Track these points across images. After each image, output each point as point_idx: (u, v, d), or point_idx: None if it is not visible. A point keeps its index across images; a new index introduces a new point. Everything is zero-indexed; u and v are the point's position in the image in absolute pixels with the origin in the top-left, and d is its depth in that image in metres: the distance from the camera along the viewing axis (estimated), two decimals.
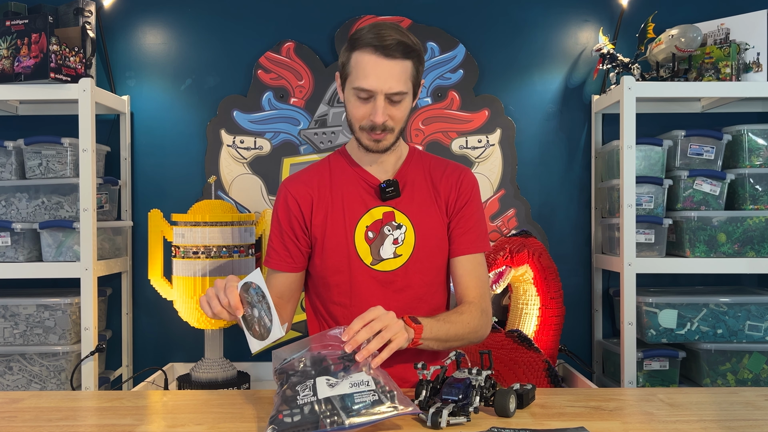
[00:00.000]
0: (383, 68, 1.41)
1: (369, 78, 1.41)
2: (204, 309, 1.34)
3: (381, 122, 1.44)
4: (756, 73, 2.25)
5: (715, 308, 2.25)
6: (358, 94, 1.44)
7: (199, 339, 2.34)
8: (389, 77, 1.41)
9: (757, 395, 1.39)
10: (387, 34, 1.40)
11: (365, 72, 1.41)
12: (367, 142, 1.49)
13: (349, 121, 1.52)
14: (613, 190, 2.34)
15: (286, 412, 1.11)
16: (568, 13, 2.56)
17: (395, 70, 1.42)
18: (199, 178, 2.54)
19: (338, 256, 1.53)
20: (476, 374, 1.25)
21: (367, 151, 1.52)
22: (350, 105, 1.48)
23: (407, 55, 1.42)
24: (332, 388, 1.14)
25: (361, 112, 1.46)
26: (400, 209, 1.55)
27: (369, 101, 1.44)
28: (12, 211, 2.27)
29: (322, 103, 2.52)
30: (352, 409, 1.11)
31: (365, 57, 1.41)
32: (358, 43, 1.42)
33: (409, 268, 1.54)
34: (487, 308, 1.55)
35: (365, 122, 1.46)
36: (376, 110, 1.43)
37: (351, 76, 1.45)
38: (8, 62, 2.14)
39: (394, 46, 1.40)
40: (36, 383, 2.23)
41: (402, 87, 1.43)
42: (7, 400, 1.40)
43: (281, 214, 1.57)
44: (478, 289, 1.55)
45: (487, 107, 2.53)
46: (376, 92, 1.42)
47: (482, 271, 1.58)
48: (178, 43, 2.56)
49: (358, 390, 1.14)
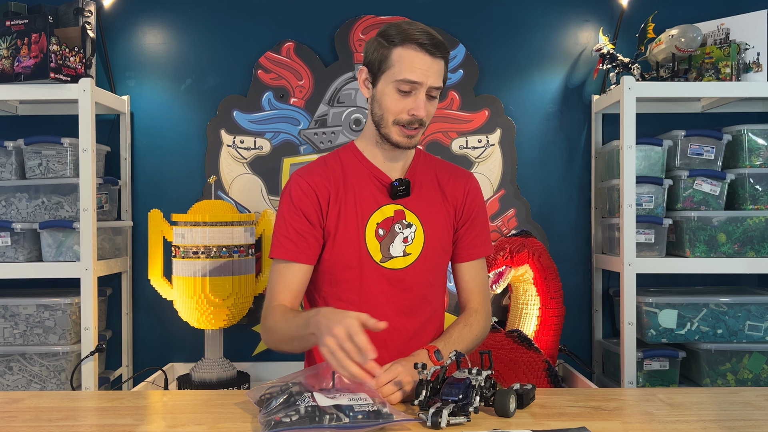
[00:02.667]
0: (428, 64, 1.45)
1: (416, 71, 1.44)
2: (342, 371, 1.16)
3: (423, 116, 1.47)
4: (756, 73, 2.25)
5: (715, 308, 2.25)
6: (401, 86, 1.45)
7: (199, 339, 2.34)
8: (432, 72, 1.45)
9: (757, 395, 1.39)
10: (428, 32, 1.45)
11: (412, 65, 1.44)
12: (398, 137, 1.50)
13: (379, 116, 1.50)
14: (613, 190, 2.34)
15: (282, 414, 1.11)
16: (568, 13, 2.56)
17: (436, 68, 1.46)
18: (199, 178, 2.54)
19: (349, 251, 1.52)
20: (476, 374, 1.25)
21: (396, 147, 1.52)
22: (388, 99, 1.48)
23: (445, 54, 1.48)
24: (332, 399, 1.16)
25: (401, 106, 1.47)
26: (409, 208, 1.56)
27: (409, 95, 1.46)
28: (12, 211, 2.27)
29: (322, 103, 2.52)
30: (354, 412, 1.12)
31: (410, 53, 1.44)
32: (404, 38, 1.44)
33: (417, 267, 1.55)
34: (488, 311, 1.62)
35: (403, 116, 1.48)
36: (418, 104, 1.46)
37: (392, 70, 1.46)
38: (8, 62, 2.14)
39: (438, 45, 1.45)
40: (36, 383, 2.23)
41: (441, 82, 1.48)
42: (7, 400, 1.40)
43: (298, 202, 1.51)
44: (482, 294, 1.61)
45: (487, 107, 2.53)
46: (421, 85, 1.45)
47: (484, 275, 1.64)
48: (178, 43, 2.56)
49: (357, 402, 1.16)
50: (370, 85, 1.52)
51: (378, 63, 1.48)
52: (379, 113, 1.50)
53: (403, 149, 1.53)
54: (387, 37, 1.47)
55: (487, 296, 1.62)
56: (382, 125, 1.50)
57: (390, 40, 1.46)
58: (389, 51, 1.46)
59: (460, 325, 1.53)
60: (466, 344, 1.52)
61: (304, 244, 1.51)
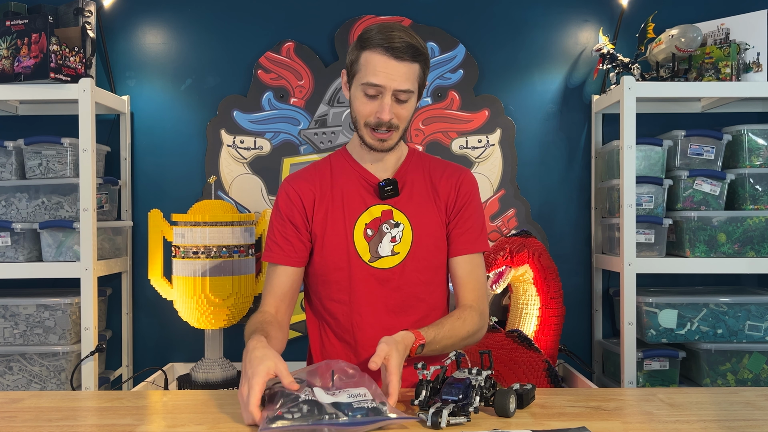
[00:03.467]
0: (392, 68, 1.44)
1: (378, 75, 1.43)
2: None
3: (387, 119, 1.46)
4: (756, 73, 2.25)
5: (715, 308, 2.25)
6: (366, 90, 1.46)
7: (199, 339, 2.34)
8: (397, 76, 1.44)
9: (757, 395, 1.39)
10: (397, 36, 1.43)
11: (375, 69, 1.44)
12: (370, 140, 1.51)
13: (354, 118, 1.53)
14: (613, 190, 2.34)
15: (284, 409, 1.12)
16: (568, 13, 2.56)
17: (403, 71, 1.45)
18: (199, 178, 2.54)
19: (338, 253, 1.54)
20: (476, 374, 1.25)
21: (371, 149, 1.53)
22: (357, 102, 1.49)
23: (415, 57, 1.45)
24: (332, 396, 1.16)
25: (368, 109, 1.48)
26: (398, 208, 1.56)
27: (376, 98, 1.46)
28: (12, 211, 2.27)
29: (322, 103, 2.52)
30: (353, 410, 1.12)
31: (375, 56, 1.44)
32: (369, 43, 1.45)
33: (407, 266, 1.55)
34: (485, 310, 1.58)
35: (371, 119, 1.48)
36: (383, 107, 1.45)
37: (360, 74, 1.47)
38: (8, 62, 2.14)
39: (404, 49, 1.43)
40: (36, 383, 2.23)
41: (409, 86, 1.46)
42: (7, 400, 1.40)
43: (284, 208, 1.57)
44: (476, 291, 1.58)
45: (487, 107, 2.53)
46: (385, 88, 1.44)
47: (480, 272, 1.60)
48: (178, 43, 2.56)
49: (356, 399, 1.16)
50: (346, 88, 1.55)
51: (350, 65, 1.51)
52: (353, 116, 1.53)
53: (378, 152, 1.53)
54: (360, 41, 1.48)
55: (483, 295, 1.59)
56: (357, 127, 1.53)
57: (361, 43, 1.47)
58: (357, 54, 1.47)
59: (453, 318, 1.50)
60: (457, 337, 1.47)
61: (290, 248, 1.55)
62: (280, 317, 1.53)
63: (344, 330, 1.57)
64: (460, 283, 1.58)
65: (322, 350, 1.61)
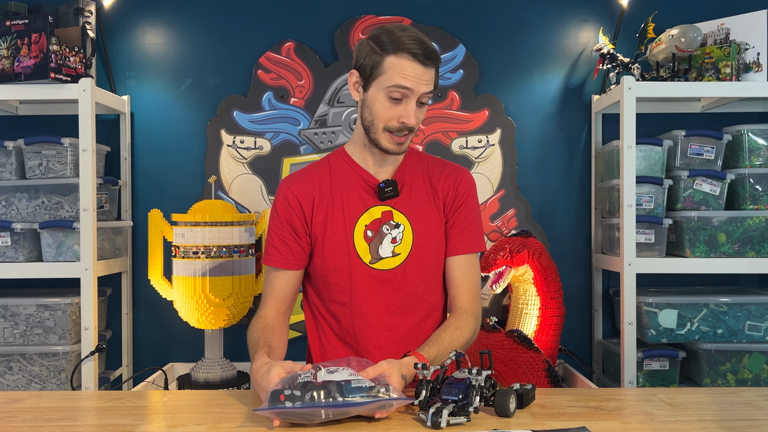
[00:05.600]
0: (420, 72, 1.45)
1: (408, 78, 1.44)
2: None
3: (413, 123, 1.48)
4: (756, 73, 2.25)
5: (715, 308, 2.25)
6: (392, 93, 1.45)
7: (199, 339, 2.34)
8: (424, 80, 1.46)
9: (757, 395, 1.39)
10: (423, 40, 1.45)
11: (404, 73, 1.44)
12: (387, 144, 1.51)
13: (368, 122, 1.51)
14: (613, 190, 2.34)
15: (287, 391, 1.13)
16: (568, 13, 2.56)
17: (429, 75, 1.47)
18: (199, 178, 2.54)
19: (338, 254, 1.54)
20: (476, 374, 1.25)
21: (386, 153, 1.53)
22: (378, 105, 1.48)
23: (437, 62, 1.49)
24: (332, 374, 1.18)
25: (391, 113, 1.48)
26: (398, 209, 1.56)
27: (400, 103, 1.47)
28: (12, 211, 2.27)
29: (322, 103, 2.52)
30: (350, 389, 1.15)
31: (403, 61, 1.44)
32: (398, 48, 1.44)
33: (408, 266, 1.55)
34: (479, 313, 1.58)
35: (393, 123, 1.48)
36: (409, 111, 1.46)
37: (384, 77, 1.46)
38: (8, 62, 2.14)
39: (431, 54, 1.45)
40: (36, 383, 2.23)
41: (432, 88, 1.49)
42: (7, 400, 1.40)
43: (282, 212, 1.57)
44: (472, 293, 1.58)
45: (487, 107, 2.53)
46: (413, 92, 1.45)
47: (475, 273, 1.60)
48: (178, 43, 2.56)
49: (356, 377, 1.18)
50: (360, 89, 1.52)
51: (369, 69, 1.48)
52: (370, 119, 1.51)
53: (391, 155, 1.54)
54: (380, 44, 1.46)
55: (478, 296, 1.58)
56: (372, 131, 1.51)
57: (383, 47, 1.46)
58: (381, 58, 1.46)
59: (451, 329, 1.50)
60: (456, 347, 1.47)
61: (288, 251, 1.55)
62: (281, 320, 1.55)
63: (346, 332, 1.57)
64: (456, 284, 1.58)
65: (322, 351, 1.61)
